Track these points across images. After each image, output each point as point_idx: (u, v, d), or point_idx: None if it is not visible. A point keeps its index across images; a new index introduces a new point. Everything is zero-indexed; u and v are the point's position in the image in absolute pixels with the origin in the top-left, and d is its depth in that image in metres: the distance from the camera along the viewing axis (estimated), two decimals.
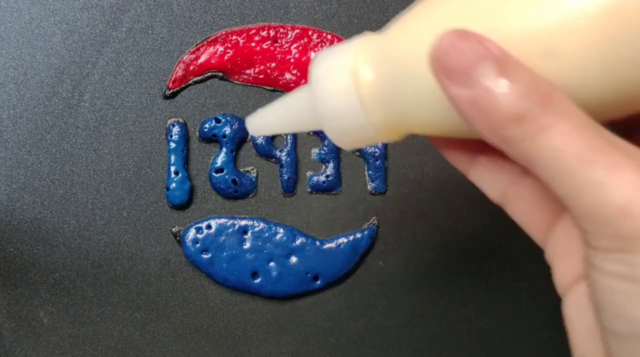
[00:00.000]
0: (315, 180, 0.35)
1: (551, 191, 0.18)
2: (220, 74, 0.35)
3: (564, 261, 0.22)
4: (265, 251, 0.35)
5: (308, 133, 0.36)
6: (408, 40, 0.21)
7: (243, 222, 0.35)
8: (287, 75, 0.35)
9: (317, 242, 0.35)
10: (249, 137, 0.35)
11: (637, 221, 0.17)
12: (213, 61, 0.35)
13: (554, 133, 0.17)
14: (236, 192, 0.35)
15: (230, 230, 0.35)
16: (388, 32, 0.22)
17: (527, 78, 0.18)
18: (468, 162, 0.24)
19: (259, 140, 0.35)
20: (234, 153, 0.35)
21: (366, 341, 0.35)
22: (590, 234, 0.18)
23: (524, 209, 0.24)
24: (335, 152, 0.36)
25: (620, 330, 0.18)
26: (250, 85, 0.35)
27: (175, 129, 0.35)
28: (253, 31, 0.35)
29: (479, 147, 0.23)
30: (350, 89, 0.22)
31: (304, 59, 0.35)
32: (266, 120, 0.26)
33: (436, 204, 0.36)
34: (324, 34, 0.36)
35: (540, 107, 0.17)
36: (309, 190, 0.35)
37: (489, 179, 0.24)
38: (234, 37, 0.35)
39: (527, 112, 0.17)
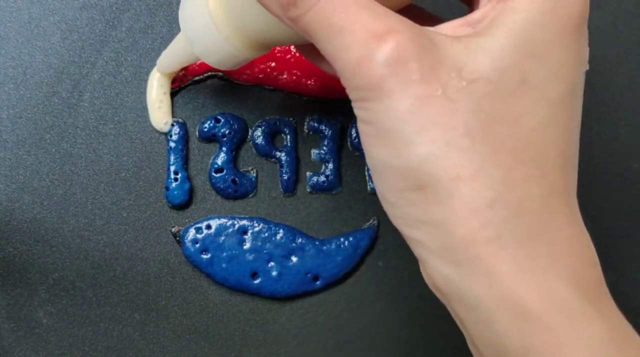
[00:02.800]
0: (315, 180, 0.35)
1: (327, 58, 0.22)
2: (220, 74, 0.35)
3: None
4: (265, 251, 0.35)
5: (308, 133, 0.36)
6: None
7: (243, 222, 0.35)
8: (287, 75, 0.35)
9: (317, 242, 0.35)
10: (249, 137, 0.35)
11: (366, 75, 0.20)
12: None
13: (316, 8, 0.21)
14: (236, 192, 0.35)
15: (230, 230, 0.35)
16: None
17: None
18: (318, 56, 0.27)
19: (259, 140, 0.35)
20: (233, 153, 0.35)
21: (366, 341, 0.35)
22: (347, 90, 0.22)
23: None
24: (335, 152, 0.36)
25: (371, 167, 0.22)
26: (250, 85, 0.35)
27: (175, 129, 0.35)
28: None
29: None
30: (204, 10, 0.27)
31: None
32: (165, 59, 0.32)
33: None
34: None
35: None
36: (309, 190, 0.35)
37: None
38: None
39: None
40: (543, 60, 0.21)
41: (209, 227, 0.34)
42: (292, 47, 0.35)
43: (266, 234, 0.35)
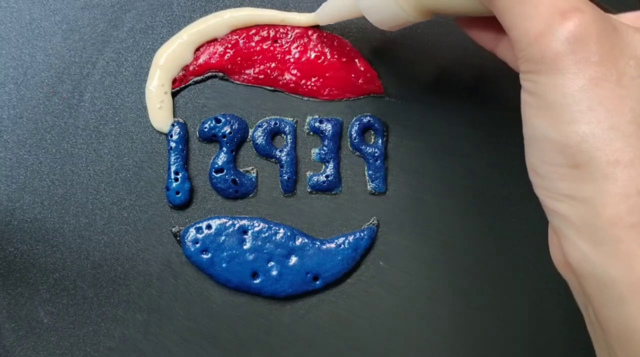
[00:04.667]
0: (315, 180, 0.35)
1: (505, 29, 0.23)
2: (220, 74, 0.35)
3: None
4: (265, 251, 0.35)
5: (308, 133, 0.36)
6: None
7: (243, 222, 0.35)
8: (287, 75, 0.35)
9: (317, 242, 0.35)
10: (249, 137, 0.35)
11: (544, 48, 0.21)
12: (213, 61, 0.35)
13: None
14: (236, 192, 0.35)
15: (230, 230, 0.35)
16: None
17: None
18: (492, 41, 0.29)
19: (259, 140, 0.35)
20: (234, 153, 0.35)
21: (366, 341, 0.35)
22: (519, 60, 0.22)
23: None
24: (335, 152, 0.36)
25: (526, 136, 0.23)
26: (250, 85, 0.35)
27: (175, 129, 0.35)
28: (253, 31, 0.35)
29: (499, 26, 0.26)
30: None
31: (303, 59, 0.35)
32: (327, 11, 0.33)
33: (436, 204, 0.36)
34: (324, 34, 0.36)
35: None
36: (309, 190, 0.35)
37: (511, 56, 0.29)
38: (234, 37, 0.35)
39: None
40: None
41: (209, 227, 0.35)
42: (292, 47, 0.35)
43: (266, 234, 0.35)
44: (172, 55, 0.35)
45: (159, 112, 0.35)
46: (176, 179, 0.34)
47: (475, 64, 0.36)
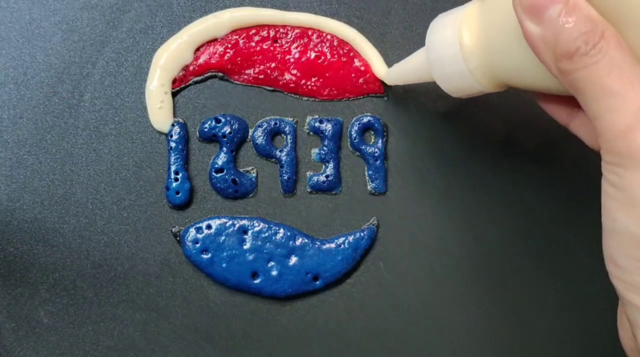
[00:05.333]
0: (315, 180, 0.35)
1: (586, 114, 0.22)
2: (220, 74, 0.35)
3: None
4: (265, 251, 0.35)
5: (308, 133, 0.36)
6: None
7: (243, 222, 0.35)
8: (287, 76, 0.35)
9: (317, 242, 0.35)
10: (249, 137, 0.35)
11: (631, 144, 0.21)
12: (213, 61, 0.35)
13: (593, 67, 0.21)
14: (236, 192, 0.35)
15: (230, 230, 0.35)
16: None
17: (586, 20, 0.21)
18: (567, 116, 0.29)
19: (259, 140, 0.35)
20: (234, 153, 0.35)
21: (366, 341, 0.35)
22: (602, 150, 0.22)
23: None
24: (335, 152, 0.36)
25: (606, 226, 0.23)
26: (250, 86, 0.35)
27: (175, 129, 0.35)
28: (253, 31, 0.35)
29: (575, 102, 0.26)
30: (454, 40, 0.27)
31: (303, 59, 0.35)
32: (398, 73, 0.33)
33: (436, 204, 0.36)
34: (324, 34, 0.36)
35: (589, 47, 0.21)
36: (309, 190, 0.35)
37: (586, 132, 0.28)
38: (234, 37, 0.35)
39: (578, 51, 0.21)
40: None
41: (209, 227, 0.35)
42: (292, 47, 0.35)
43: (266, 234, 0.35)
44: (172, 55, 0.35)
45: (159, 112, 0.35)
46: (176, 179, 0.34)
47: None
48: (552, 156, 0.36)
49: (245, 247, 0.34)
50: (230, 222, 0.35)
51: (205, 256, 0.34)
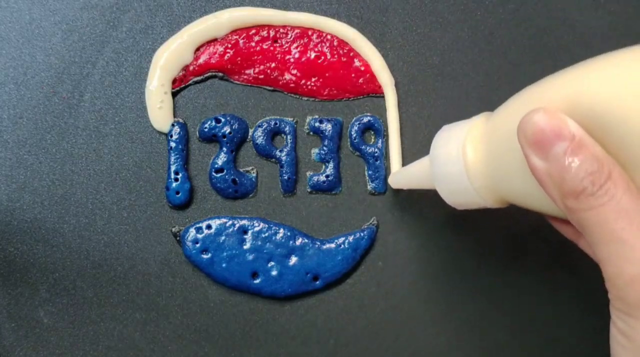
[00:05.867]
0: (315, 180, 0.35)
1: (594, 253, 0.22)
2: (220, 74, 0.35)
3: None
4: (265, 251, 0.35)
5: (308, 133, 0.36)
6: (506, 120, 0.25)
7: (243, 222, 0.35)
8: (287, 76, 0.35)
9: (317, 242, 0.35)
10: (249, 137, 0.35)
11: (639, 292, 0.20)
12: (213, 61, 0.35)
13: (600, 210, 0.21)
14: (236, 192, 0.35)
15: (230, 230, 0.35)
16: (494, 113, 0.26)
17: (592, 160, 0.21)
18: (574, 235, 0.28)
19: (259, 140, 0.35)
20: (234, 153, 0.35)
21: (366, 341, 0.35)
22: (610, 294, 0.21)
23: None
24: (335, 152, 0.36)
25: None
26: (250, 85, 0.35)
27: (175, 129, 0.35)
28: (253, 31, 0.35)
29: None
30: (458, 157, 0.26)
31: (303, 59, 0.35)
32: (401, 178, 0.33)
33: (436, 204, 0.36)
34: (324, 34, 0.36)
35: (596, 188, 0.21)
36: (309, 190, 0.35)
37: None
38: (234, 37, 0.35)
39: (584, 191, 0.21)
40: None
41: (209, 227, 0.35)
42: (292, 47, 0.35)
43: (266, 234, 0.35)
44: (172, 55, 0.35)
45: (159, 112, 0.35)
46: (176, 179, 0.34)
47: (475, 63, 0.36)
48: None
49: (245, 247, 0.34)
50: (230, 222, 0.35)
51: (205, 256, 0.34)
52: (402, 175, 0.33)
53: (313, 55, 0.35)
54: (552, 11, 0.37)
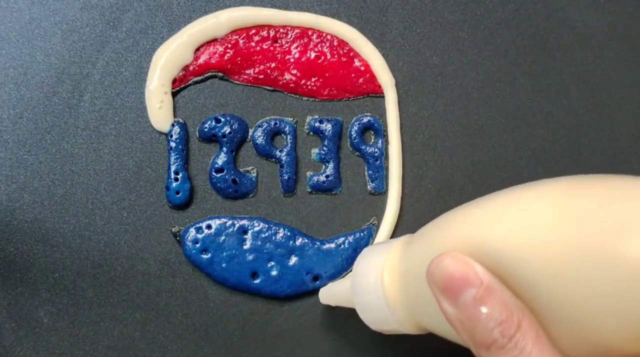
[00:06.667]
0: (315, 180, 0.35)
1: None
2: (220, 74, 0.35)
3: None
4: (265, 251, 0.35)
5: (308, 133, 0.36)
6: (421, 251, 0.25)
7: (243, 222, 0.35)
8: (287, 75, 0.35)
9: (317, 242, 0.35)
10: (249, 137, 0.35)
11: None
12: (213, 61, 0.35)
13: None
14: (236, 192, 0.35)
15: (230, 230, 0.35)
16: (412, 239, 0.26)
17: (501, 308, 0.20)
18: None
19: (259, 140, 0.35)
20: (234, 153, 0.35)
21: (365, 341, 0.35)
22: None
23: None
24: (335, 152, 0.36)
25: None
26: (250, 85, 0.35)
27: (175, 129, 0.35)
28: (253, 31, 0.35)
29: None
30: (376, 287, 0.26)
31: (303, 59, 0.35)
32: (328, 296, 0.32)
33: (435, 203, 0.36)
34: (324, 34, 0.36)
35: (506, 340, 0.20)
36: (309, 190, 0.35)
37: None
38: (234, 37, 0.35)
39: (495, 343, 0.20)
40: None
41: (209, 227, 0.35)
42: (292, 47, 0.35)
43: (266, 234, 0.35)
44: (172, 55, 0.35)
45: (159, 112, 0.35)
46: (176, 179, 0.34)
47: (475, 63, 0.36)
48: None
49: (245, 247, 0.34)
50: (230, 222, 0.35)
51: (205, 256, 0.34)
52: (329, 293, 0.32)
53: (313, 55, 0.35)
54: (552, 11, 0.37)
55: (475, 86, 0.36)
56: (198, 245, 0.34)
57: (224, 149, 0.35)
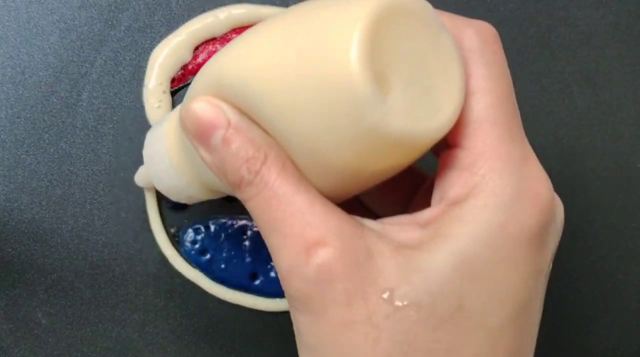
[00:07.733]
0: None
1: None
2: None
3: None
4: (265, 252, 0.34)
5: None
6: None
7: (242, 222, 0.35)
8: None
9: None
10: None
11: (295, 287, 0.20)
12: None
13: (258, 199, 0.20)
14: None
15: (230, 230, 0.34)
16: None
17: (248, 145, 0.20)
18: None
19: None
20: None
21: None
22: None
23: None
24: None
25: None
26: None
27: None
28: None
29: None
30: (163, 155, 0.26)
31: None
32: (139, 177, 0.32)
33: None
34: None
35: (252, 176, 0.20)
36: None
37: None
38: (233, 36, 0.35)
39: (243, 180, 0.20)
40: (486, 283, 0.19)
41: (208, 227, 0.34)
42: None
43: None
44: (170, 54, 0.35)
45: (158, 111, 0.35)
46: None
47: None
48: None
49: (244, 247, 0.34)
50: (230, 222, 0.35)
51: (204, 257, 0.34)
52: (141, 174, 0.32)
53: None
54: (554, 10, 0.37)
55: None
56: (197, 246, 0.34)
57: None
